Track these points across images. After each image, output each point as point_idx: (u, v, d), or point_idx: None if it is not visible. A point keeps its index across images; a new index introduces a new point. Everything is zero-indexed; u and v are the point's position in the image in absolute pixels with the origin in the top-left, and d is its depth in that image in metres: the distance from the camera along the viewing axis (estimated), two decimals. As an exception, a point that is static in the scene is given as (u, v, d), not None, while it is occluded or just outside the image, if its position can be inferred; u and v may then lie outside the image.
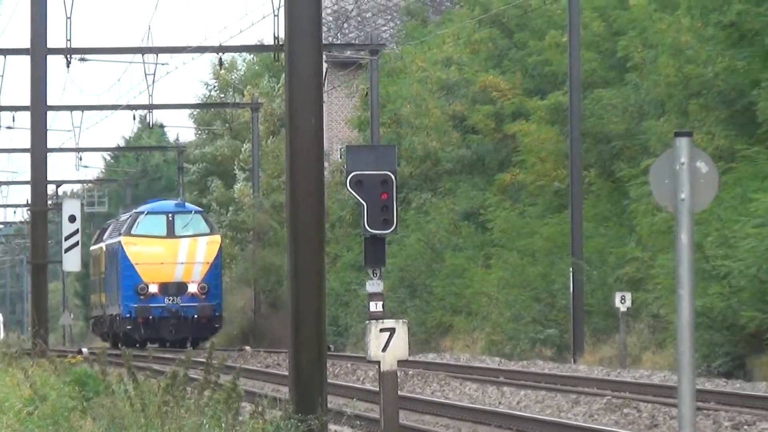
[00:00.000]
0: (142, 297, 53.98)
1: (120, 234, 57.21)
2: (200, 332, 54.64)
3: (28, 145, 40.40)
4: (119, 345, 52.72)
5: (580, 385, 30.22)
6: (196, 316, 53.95)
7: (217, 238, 57.40)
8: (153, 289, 53.96)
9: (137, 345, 52.55)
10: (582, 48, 41.33)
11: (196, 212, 58.45)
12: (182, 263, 54.66)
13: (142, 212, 57.29)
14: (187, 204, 60.72)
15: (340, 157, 57.86)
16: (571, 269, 39.16)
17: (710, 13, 37.52)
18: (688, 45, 39.06)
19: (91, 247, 69.64)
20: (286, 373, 20.05)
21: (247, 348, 52.11)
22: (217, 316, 55.40)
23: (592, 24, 44.95)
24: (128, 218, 58.56)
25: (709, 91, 38.15)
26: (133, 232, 55.80)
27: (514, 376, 33.61)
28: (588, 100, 42.99)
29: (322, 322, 16.56)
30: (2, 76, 50.91)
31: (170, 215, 56.06)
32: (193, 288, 54.13)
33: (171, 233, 55.25)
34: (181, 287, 54.35)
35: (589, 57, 44.32)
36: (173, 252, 54.69)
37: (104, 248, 61.48)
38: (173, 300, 53.72)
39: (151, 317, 53.74)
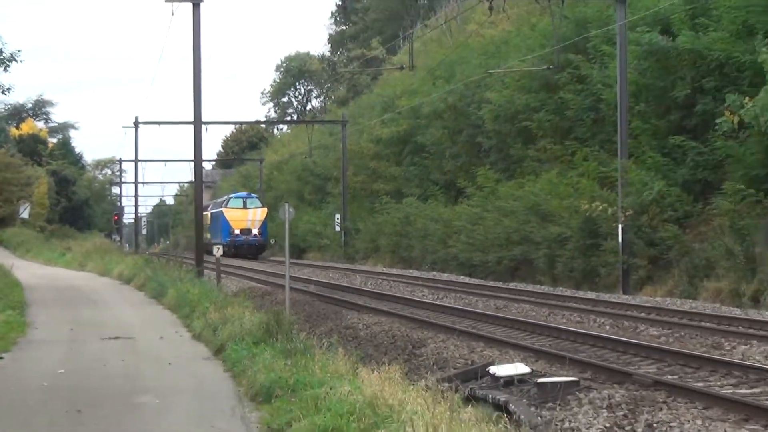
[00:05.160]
0: (230, 236, 67.67)
1: (221, 207, 70.67)
2: (257, 252, 67.83)
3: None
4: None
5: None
6: (256, 244, 68.45)
7: (265, 209, 69.55)
8: (236, 232, 67.92)
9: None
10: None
11: (256, 197, 71.62)
12: (250, 220, 68.64)
13: (231, 197, 71.70)
14: (251, 194, 73.80)
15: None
16: (337, 219, 62.09)
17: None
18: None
19: (204, 213, 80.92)
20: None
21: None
22: (265, 245, 69.23)
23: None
24: (225, 200, 72.33)
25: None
26: (227, 206, 69.74)
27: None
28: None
29: (202, 248, 32.63)
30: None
31: (244, 198, 70.40)
32: (254, 231, 68.57)
33: (245, 207, 69.09)
34: (249, 231, 68.37)
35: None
36: (245, 215, 68.51)
37: (210, 214, 72.52)
38: (246, 238, 68.22)
39: (235, 245, 67.25)
